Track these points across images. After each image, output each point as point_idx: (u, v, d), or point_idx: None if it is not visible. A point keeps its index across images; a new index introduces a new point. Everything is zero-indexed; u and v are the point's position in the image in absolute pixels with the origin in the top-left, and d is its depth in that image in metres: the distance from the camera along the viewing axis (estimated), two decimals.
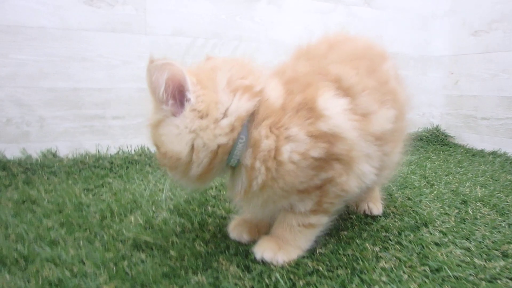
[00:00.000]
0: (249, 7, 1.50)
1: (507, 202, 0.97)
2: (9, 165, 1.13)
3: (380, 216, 0.85)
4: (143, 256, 0.64)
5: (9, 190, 1.00)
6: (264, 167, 0.56)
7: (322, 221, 0.65)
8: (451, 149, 1.79)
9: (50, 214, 0.83)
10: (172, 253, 0.64)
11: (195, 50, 1.39)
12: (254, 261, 0.62)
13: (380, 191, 0.92)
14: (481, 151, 1.72)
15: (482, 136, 1.78)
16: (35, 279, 0.55)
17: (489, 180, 1.21)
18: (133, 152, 1.35)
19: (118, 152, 1.34)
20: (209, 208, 0.89)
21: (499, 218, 0.86)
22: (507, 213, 0.89)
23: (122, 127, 1.34)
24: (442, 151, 1.72)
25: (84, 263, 0.61)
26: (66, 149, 1.26)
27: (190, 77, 0.54)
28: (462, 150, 1.73)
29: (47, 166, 1.17)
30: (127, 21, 1.28)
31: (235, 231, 0.70)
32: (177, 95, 0.55)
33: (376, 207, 0.87)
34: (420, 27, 1.89)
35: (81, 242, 0.69)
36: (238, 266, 0.60)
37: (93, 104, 1.28)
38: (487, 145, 1.74)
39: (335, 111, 0.58)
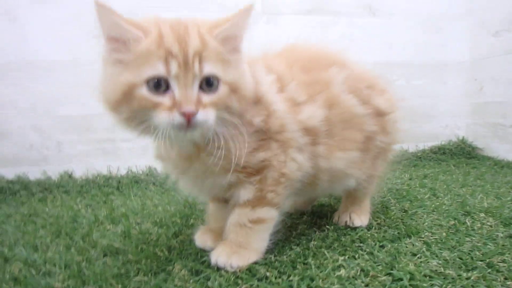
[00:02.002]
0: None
1: None
2: (30, 186, 1.26)
3: (362, 228, 0.80)
4: (107, 259, 0.67)
5: (23, 207, 1.11)
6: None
7: (271, 215, 0.65)
8: (477, 161, 1.63)
9: (46, 225, 0.90)
10: (131, 257, 0.67)
11: None
12: (209, 266, 0.62)
13: (369, 203, 0.87)
14: None
15: None
16: (2, 275, 0.61)
17: (509, 191, 1.08)
18: (140, 172, 1.43)
19: (127, 172, 1.43)
20: (191, 221, 0.90)
21: (502, 228, 0.76)
22: None
23: (131, 149, 1.44)
24: (466, 164, 1.57)
25: (54, 265, 0.66)
26: (81, 171, 1.38)
27: None
28: (490, 163, 1.57)
29: (62, 186, 1.28)
30: None
31: (200, 239, 0.71)
32: None
33: (360, 219, 0.82)
34: (434, 32, 1.78)
35: (60, 248, 0.74)
36: (189, 270, 0.61)
37: (103, 129, 1.41)
38: None
39: (266, 80, 0.64)
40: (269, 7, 1.58)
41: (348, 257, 0.64)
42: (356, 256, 0.65)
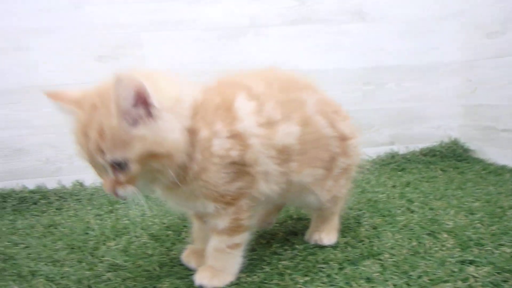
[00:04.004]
0: (236, 42, 1.60)
1: (481, 234, 0.92)
2: (48, 195, 1.42)
3: (330, 247, 0.90)
4: (110, 275, 0.81)
5: (43, 216, 1.27)
6: (202, 156, 0.65)
7: (245, 238, 0.76)
8: (468, 165, 1.66)
9: (63, 237, 1.05)
10: (129, 274, 0.80)
11: None
12: (192, 285, 0.75)
13: (338, 220, 0.96)
14: (502, 167, 1.57)
15: (505, 150, 1.63)
16: None
17: (484, 206, 1.14)
18: None
19: None
20: (183, 234, 1.03)
21: (457, 253, 0.83)
22: (471, 247, 0.85)
23: None
24: (454, 168, 1.61)
25: (69, 280, 0.80)
26: (91, 179, 1.53)
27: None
28: (479, 167, 1.61)
29: (75, 195, 1.44)
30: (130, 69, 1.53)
31: (186, 259, 0.84)
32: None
33: (328, 238, 0.91)
34: (426, 34, 1.76)
35: (74, 261, 0.89)
36: None
37: None
38: (511, 161, 1.59)
39: (246, 112, 0.69)
40: (257, 19, 1.62)
41: (309, 279, 0.75)
42: (316, 277, 0.76)
